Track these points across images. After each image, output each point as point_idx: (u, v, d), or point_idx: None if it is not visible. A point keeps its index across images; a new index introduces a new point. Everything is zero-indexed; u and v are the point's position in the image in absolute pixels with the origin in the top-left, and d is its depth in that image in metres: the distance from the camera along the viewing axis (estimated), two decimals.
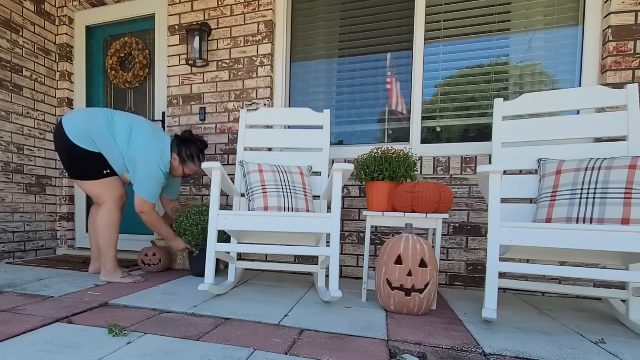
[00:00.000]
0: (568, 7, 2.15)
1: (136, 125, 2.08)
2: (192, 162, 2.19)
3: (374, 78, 2.52)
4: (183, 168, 2.19)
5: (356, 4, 2.54)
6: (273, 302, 1.73)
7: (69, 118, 2.05)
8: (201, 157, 2.24)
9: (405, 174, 1.84)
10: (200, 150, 2.23)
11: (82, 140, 1.99)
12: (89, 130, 2.00)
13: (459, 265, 2.20)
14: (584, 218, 1.46)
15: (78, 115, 2.09)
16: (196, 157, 2.20)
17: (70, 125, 2.00)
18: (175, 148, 2.15)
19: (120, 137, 2.04)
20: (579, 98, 1.70)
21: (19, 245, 2.88)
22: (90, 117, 2.05)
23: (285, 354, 1.14)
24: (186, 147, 2.17)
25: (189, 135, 2.21)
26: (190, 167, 2.20)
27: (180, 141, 2.17)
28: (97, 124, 2.01)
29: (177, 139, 2.18)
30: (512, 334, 1.37)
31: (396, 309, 1.61)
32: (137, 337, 1.25)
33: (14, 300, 1.68)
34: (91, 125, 2.01)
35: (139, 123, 2.11)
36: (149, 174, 2.05)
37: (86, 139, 1.99)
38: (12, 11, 2.82)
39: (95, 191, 2.10)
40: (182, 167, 2.18)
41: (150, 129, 2.13)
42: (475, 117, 2.32)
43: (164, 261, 2.41)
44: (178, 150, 2.15)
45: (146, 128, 2.11)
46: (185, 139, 2.19)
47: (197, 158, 2.21)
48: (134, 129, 2.06)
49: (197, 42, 2.61)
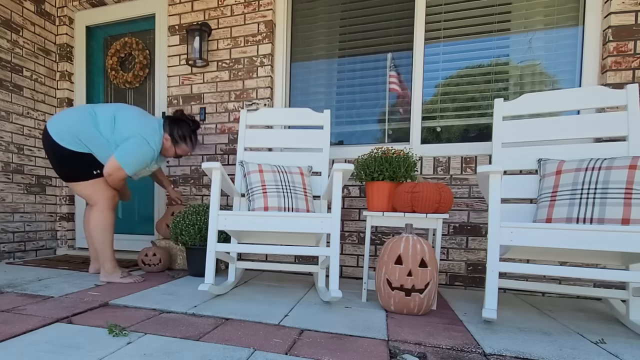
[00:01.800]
0: (568, 7, 2.15)
1: (119, 112, 2.05)
2: (183, 142, 2.14)
3: (374, 78, 2.52)
4: (175, 149, 2.15)
5: (356, 4, 2.54)
6: (273, 302, 1.73)
7: (53, 122, 2.04)
8: (193, 138, 2.19)
9: (405, 174, 1.84)
10: (192, 131, 2.18)
11: (68, 142, 1.97)
12: (75, 131, 1.98)
13: (459, 265, 2.20)
14: (584, 218, 1.46)
15: (61, 117, 2.07)
16: (188, 138, 2.15)
17: (55, 129, 1.99)
18: (167, 128, 2.11)
19: (105, 128, 2.00)
20: (579, 98, 1.70)
21: (19, 245, 2.88)
22: (73, 117, 2.04)
23: (285, 354, 1.14)
24: (178, 127, 2.12)
25: (181, 114, 2.16)
26: (182, 147, 2.16)
27: (172, 121, 2.13)
28: (82, 122, 1.99)
29: (169, 119, 2.14)
30: (512, 334, 1.37)
31: (396, 309, 1.61)
32: (137, 337, 1.25)
33: (14, 300, 1.68)
34: (77, 125, 1.99)
35: (122, 109, 2.08)
36: (134, 147, 1.99)
37: (73, 140, 1.98)
38: (12, 11, 2.82)
39: (86, 192, 2.08)
40: (173, 147, 2.14)
41: (135, 112, 2.10)
42: (475, 117, 2.32)
43: (164, 261, 2.41)
44: (170, 131, 2.11)
45: (130, 111, 2.09)
46: (177, 118, 2.14)
47: (189, 139, 2.16)
48: (117, 115, 2.03)
49: (197, 42, 2.61)
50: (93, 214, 2.07)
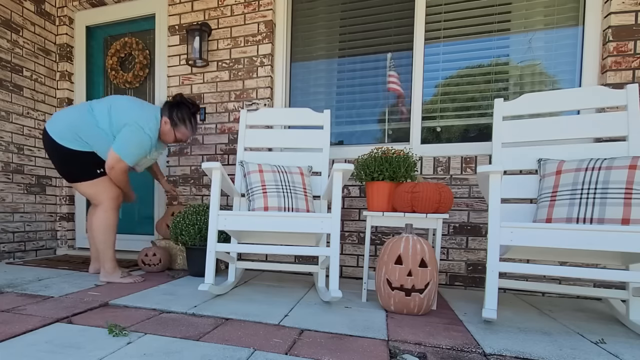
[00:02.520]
0: (568, 7, 2.15)
1: (114, 104, 2.05)
2: (183, 125, 2.11)
3: (374, 78, 2.52)
4: (174, 132, 2.12)
5: (356, 4, 2.54)
6: (273, 302, 1.73)
7: (52, 122, 2.04)
8: (193, 121, 2.16)
9: (405, 174, 1.84)
10: (192, 114, 2.15)
11: (69, 140, 1.97)
12: (75, 129, 1.98)
13: (459, 265, 2.20)
14: (584, 218, 1.46)
15: (60, 117, 2.07)
16: (187, 120, 2.12)
17: (54, 128, 2.00)
18: (166, 112, 2.10)
19: (103, 121, 2.00)
20: (579, 98, 1.70)
21: (19, 245, 2.88)
22: (71, 115, 2.04)
23: (285, 354, 1.14)
24: (177, 110, 2.10)
25: (180, 98, 2.15)
26: (181, 130, 2.13)
27: (172, 105, 2.12)
28: (82, 119, 1.99)
29: (168, 103, 2.14)
30: (512, 334, 1.37)
31: (396, 309, 1.61)
32: (137, 337, 1.25)
33: (14, 300, 1.68)
34: (76, 122, 1.99)
35: (117, 100, 2.09)
36: (130, 135, 1.97)
37: (73, 138, 1.98)
38: (12, 11, 2.81)
39: (90, 191, 2.08)
40: (173, 131, 2.11)
41: (129, 101, 2.10)
42: (475, 117, 2.32)
43: (164, 261, 2.41)
44: (169, 114, 2.09)
45: (124, 101, 2.09)
46: (177, 102, 2.13)
47: (189, 121, 2.13)
48: (112, 106, 2.03)
49: (197, 42, 2.61)
50: (97, 214, 2.08)
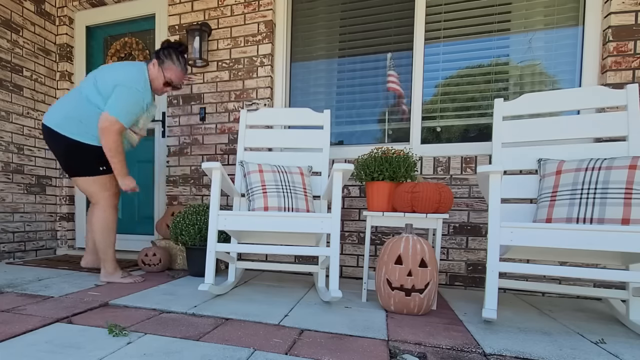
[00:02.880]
0: (568, 7, 2.15)
1: (97, 75, 2.01)
2: (170, 61, 2.05)
3: (374, 78, 2.52)
4: (163, 72, 2.06)
5: (356, 4, 2.54)
6: (273, 302, 1.73)
7: (47, 115, 2.02)
8: (181, 58, 2.10)
9: (405, 174, 1.84)
10: (180, 52, 2.10)
11: (69, 128, 1.95)
12: (71, 112, 1.96)
13: (459, 265, 2.20)
14: (584, 218, 1.46)
15: (56, 107, 2.04)
16: (175, 56, 2.07)
17: (52, 120, 1.98)
18: (152, 57, 2.08)
19: (94, 97, 1.96)
20: (579, 98, 1.70)
21: (19, 245, 2.88)
22: (65, 103, 2.02)
23: (285, 354, 1.14)
24: (163, 49, 2.08)
25: (167, 43, 2.11)
26: (170, 68, 2.06)
27: (158, 50, 2.09)
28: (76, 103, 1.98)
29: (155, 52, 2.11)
30: (512, 334, 1.37)
31: (396, 309, 1.61)
32: (137, 337, 1.25)
33: (14, 300, 1.68)
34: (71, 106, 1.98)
35: (99, 70, 2.04)
36: (120, 95, 1.92)
37: (76, 125, 1.95)
38: (12, 11, 2.81)
39: (90, 189, 2.06)
40: (161, 71, 2.05)
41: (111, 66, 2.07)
42: (475, 117, 2.32)
43: (164, 261, 2.41)
44: (156, 56, 2.07)
45: (107, 68, 2.06)
46: (163, 47, 2.10)
47: (177, 57, 2.08)
48: (97, 77, 2.00)
49: (197, 42, 2.61)
50: (96, 214, 2.07)
